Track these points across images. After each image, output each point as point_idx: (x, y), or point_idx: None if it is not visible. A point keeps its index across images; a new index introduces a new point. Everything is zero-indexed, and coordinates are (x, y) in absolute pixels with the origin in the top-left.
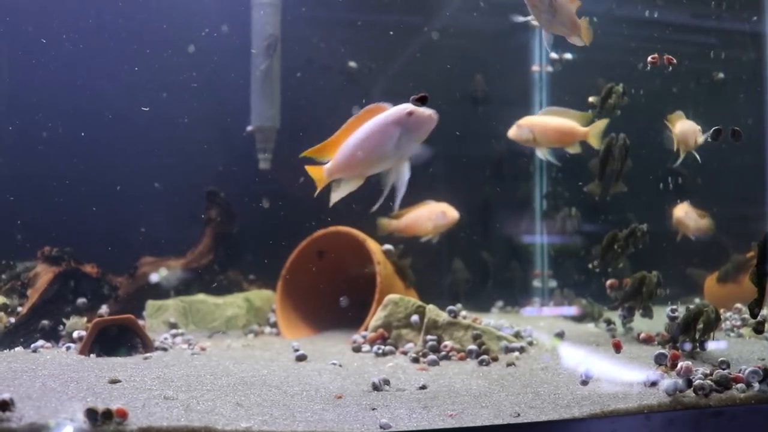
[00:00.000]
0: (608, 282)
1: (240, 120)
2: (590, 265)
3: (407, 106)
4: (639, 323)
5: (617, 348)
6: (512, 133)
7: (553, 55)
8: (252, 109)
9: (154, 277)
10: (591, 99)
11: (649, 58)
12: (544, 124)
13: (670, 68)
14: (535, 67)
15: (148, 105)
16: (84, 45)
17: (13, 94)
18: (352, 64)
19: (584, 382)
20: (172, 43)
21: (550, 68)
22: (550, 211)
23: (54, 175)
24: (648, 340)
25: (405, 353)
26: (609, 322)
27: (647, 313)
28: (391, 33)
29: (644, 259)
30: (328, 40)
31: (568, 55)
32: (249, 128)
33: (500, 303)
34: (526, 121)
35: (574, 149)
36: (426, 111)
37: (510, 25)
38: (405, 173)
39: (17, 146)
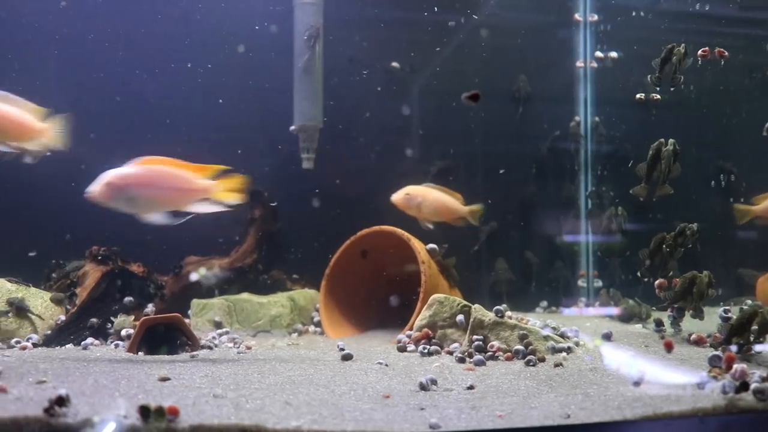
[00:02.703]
0: (657, 282)
1: (283, 120)
2: (638, 273)
3: None
4: (689, 324)
5: (669, 347)
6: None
7: (599, 54)
8: (295, 109)
9: (194, 276)
10: (638, 96)
11: (700, 52)
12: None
13: (722, 62)
14: (580, 63)
15: (193, 105)
16: (129, 47)
17: (62, 95)
18: (395, 64)
19: (636, 383)
20: (216, 44)
21: (594, 64)
22: (595, 210)
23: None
24: (699, 342)
25: (451, 353)
26: (659, 323)
27: (698, 314)
28: (433, 31)
29: (694, 259)
30: (369, 39)
31: (614, 54)
32: (292, 128)
33: (544, 303)
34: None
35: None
36: None
37: (552, 20)
38: None
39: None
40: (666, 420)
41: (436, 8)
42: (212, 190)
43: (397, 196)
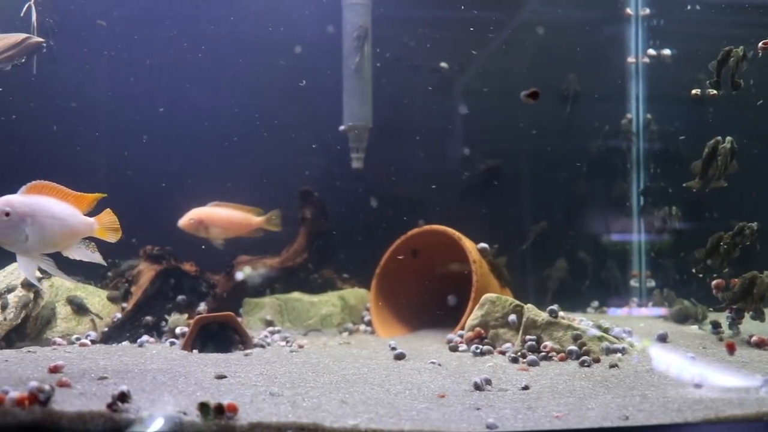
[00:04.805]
0: (715, 282)
1: (333, 120)
2: (693, 270)
3: None
4: (748, 326)
5: (731, 350)
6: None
7: (652, 52)
8: (344, 109)
9: (239, 276)
10: (694, 92)
11: (761, 44)
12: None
13: None
14: (631, 59)
15: (243, 106)
16: (181, 48)
17: (115, 96)
18: (443, 64)
19: (698, 386)
20: (266, 45)
21: (646, 59)
22: (648, 209)
23: (155, 175)
24: (761, 344)
25: (503, 353)
26: (716, 325)
27: (758, 316)
28: (482, 29)
29: (754, 259)
30: (417, 39)
31: (667, 51)
32: (342, 128)
33: (595, 303)
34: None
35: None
36: None
37: (602, 15)
38: None
39: (119, 148)
40: (729, 423)
41: (483, 6)
42: (94, 229)
43: (182, 222)
